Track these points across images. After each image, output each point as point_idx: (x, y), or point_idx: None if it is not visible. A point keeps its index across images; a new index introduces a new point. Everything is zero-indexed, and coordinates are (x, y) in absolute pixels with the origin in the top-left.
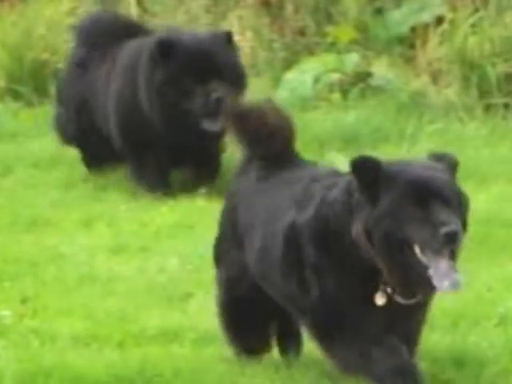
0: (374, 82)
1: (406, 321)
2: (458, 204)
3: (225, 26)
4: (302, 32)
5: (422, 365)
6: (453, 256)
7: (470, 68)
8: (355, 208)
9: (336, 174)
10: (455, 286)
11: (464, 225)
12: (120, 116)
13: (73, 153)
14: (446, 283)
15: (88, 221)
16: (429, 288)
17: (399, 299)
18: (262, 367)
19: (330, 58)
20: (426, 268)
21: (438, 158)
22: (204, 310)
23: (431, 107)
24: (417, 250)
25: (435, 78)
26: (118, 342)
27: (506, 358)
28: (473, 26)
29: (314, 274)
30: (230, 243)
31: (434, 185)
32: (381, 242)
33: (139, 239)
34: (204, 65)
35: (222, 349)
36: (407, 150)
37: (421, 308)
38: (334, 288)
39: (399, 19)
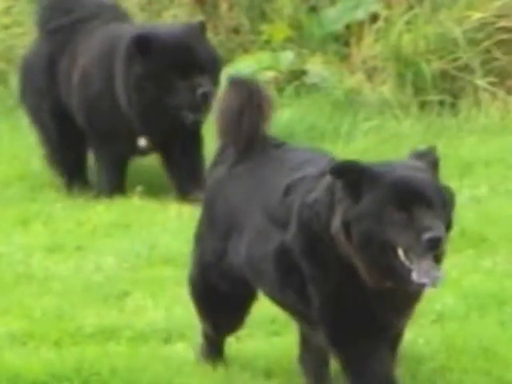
0: (308, 79)
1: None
2: (442, 204)
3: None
4: (236, 30)
5: None
6: (437, 260)
7: (404, 65)
8: (337, 204)
9: (313, 175)
10: (433, 283)
11: (449, 223)
12: (88, 109)
13: (8, 150)
14: (425, 280)
15: (24, 220)
16: (408, 286)
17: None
18: (198, 366)
19: (264, 56)
20: (409, 271)
21: (419, 155)
22: (140, 309)
23: (366, 105)
24: (400, 252)
25: (370, 75)
26: (55, 340)
27: (442, 354)
28: (407, 23)
29: (312, 284)
30: (207, 231)
31: (417, 187)
32: (360, 239)
33: (75, 238)
34: (185, 59)
35: (158, 347)
36: (342, 147)
37: (415, 302)
38: (333, 293)
39: (334, 17)
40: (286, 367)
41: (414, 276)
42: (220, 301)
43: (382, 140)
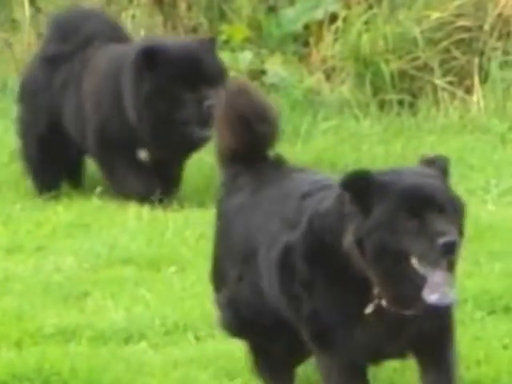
0: (267, 79)
1: (418, 331)
2: (454, 211)
3: None
4: (195, 30)
5: None
6: (451, 266)
7: (363, 65)
8: (348, 218)
9: (326, 185)
10: (443, 299)
11: (461, 232)
12: (98, 126)
13: None
14: (434, 296)
15: None
16: (419, 300)
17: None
18: (159, 365)
19: (223, 56)
20: (425, 279)
21: (429, 162)
22: (101, 309)
23: (325, 104)
24: (414, 261)
25: (329, 75)
26: (15, 340)
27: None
28: (366, 23)
29: (304, 290)
30: (227, 264)
31: (428, 193)
32: (374, 252)
33: (35, 238)
34: (192, 72)
35: (118, 347)
36: (301, 147)
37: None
38: (325, 304)
39: (293, 17)
40: (247, 367)
41: (424, 293)
42: (263, 336)
43: (341, 140)
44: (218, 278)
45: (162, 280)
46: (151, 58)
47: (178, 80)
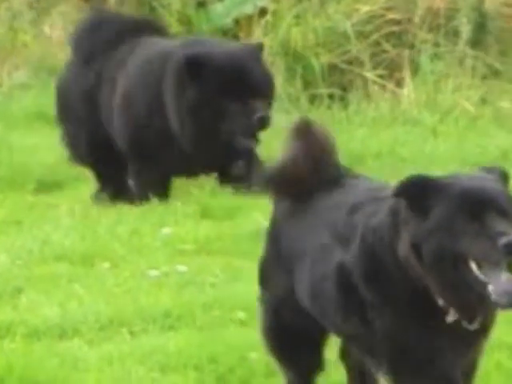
0: None
1: (471, 348)
2: None
3: (48, 22)
4: None
5: (254, 355)
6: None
7: (294, 59)
8: (402, 226)
9: (377, 197)
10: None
11: None
12: (131, 130)
13: None
14: (505, 299)
15: None
16: (488, 306)
17: (465, 324)
18: (95, 360)
19: None
20: (484, 285)
21: (488, 170)
22: (34, 305)
23: None
24: (473, 266)
25: None
26: None
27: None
28: (296, 17)
29: (373, 311)
30: (275, 267)
31: (488, 195)
32: (432, 257)
33: None
34: (240, 83)
35: (53, 343)
36: None
37: (484, 334)
38: (394, 322)
39: (222, 11)
40: (182, 362)
41: (494, 297)
42: (298, 341)
43: (273, 134)
44: (264, 279)
45: (96, 276)
46: (196, 67)
47: (224, 90)
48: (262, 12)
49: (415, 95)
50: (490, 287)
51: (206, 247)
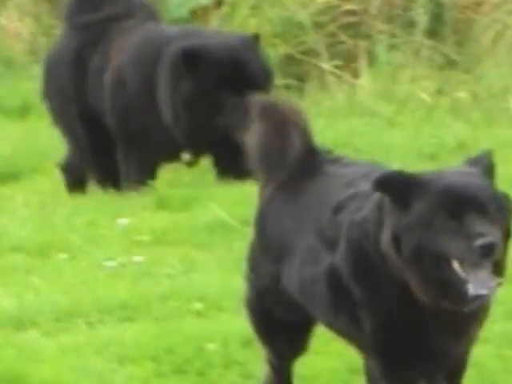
0: None
1: (458, 343)
2: (498, 210)
3: (4, 14)
4: None
5: (212, 346)
6: (497, 268)
7: None
8: (385, 219)
9: (361, 192)
10: (491, 294)
11: (507, 231)
12: (121, 111)
13: None
14: (483, 291)
15: None
16: (464, 301)
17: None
18: (51, 351)
19: None
20: (464, 282)
21: (474, 162)
22: None
23: None
24: (455, 264)
25: None
26: None
27: None
28: (252, 7)
29: (363, 308)
30: (261, 255)
31: (469, 193)
32: (411, 252)
33: None
34: (238, 75)
35: (10, 335)
36: None
37: (471, 328)
38: (385, 319)
39: (178, 2)
40: (139, 353)
41: (471, 289)
42: (278, 326)
43: None
44: (251, 262)
45: (52, 267)
46: (192, 59)
47: (221, 83)
48: (218, 2)
49: (372, 86)
50: (470, 285)
51: (163, 238)
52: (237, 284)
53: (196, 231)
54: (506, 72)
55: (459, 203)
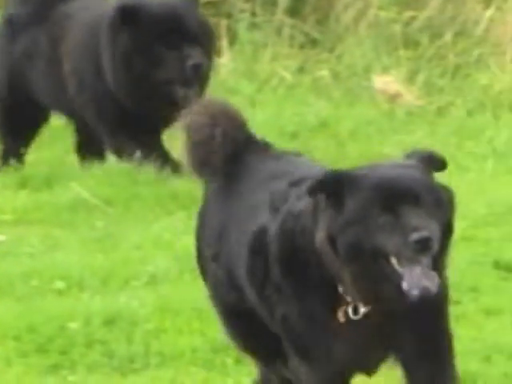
0: None
1: (403, 337)
2: (435, 203)
3: None
4: None
5: (74, 325)
6: (436, 263)
7: None
8: (320, 215)
9: (302, 179)
10: (425, 293)
11: (449, 226)
12: (86, 93)
13: None
14: (415, 291)
15: None
16: (399, 298)
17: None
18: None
19: None
20: (401, 277)
21: (412, 154)
22: None
23: None
24: (393, 260)
25: None
26: None
27: (156, 316)
28: None
29: (276, 293)
30: (206, 258)
31: (401, 184)
32: (347, 250)
33: None
34: (174, 29)
35: None
36: None
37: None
38: (297, 311)
39: None
40: (1, 332)
41: (404, 286)
42: (253, 330)
43: None
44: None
45: None
46: (129, 14)
47: (158, 37)
48: None
49: (233, 65)
50: (404, 282)
51: (24, 217)
52: (99, 263)
53: (58, 210)
54: (367, 50)
55: (392, 196)
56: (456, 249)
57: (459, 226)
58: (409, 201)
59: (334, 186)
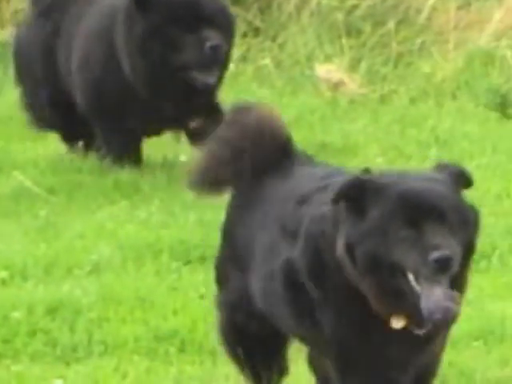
0: None
1: (423, 351)
2: (461, 221)
3: None
4: None
5: (17, 314)
6: (455, 283)
7: None
8: (341, 223)
9: (325, 186)
10: (446, 314)
11: (470, 245)
12: (89, 85)
13: None
14: (435, 316)
15: None
16: (419, 319)
17: (412, 328)
18: None
19: None
20: (418, 296)
21: (442, 168)
22: None
23: None
24: (410, 276)
25: None
26: None
27: (99, 305)
28: None
29: (320, 310)
30: (230, 266)
31: (428, 199)
32: (365, 261)
33: None
34: (191, 11)
35: None
36: None
37: (434, 339)
38: (340, 322)
39: None
40: None
41: (423, 309)
42: (254, 344)
43: None
44: (221, 279)
45: None
46: (144, 0)
47: (175, 21)
48: None
49: None
50: (422, 306)
51: None
52: (42, 252)
53: (0, 199)
54: (309, 39)
55: (417, 210)
56: None
57: None
58: (434, 217)
59: (356, 192)
